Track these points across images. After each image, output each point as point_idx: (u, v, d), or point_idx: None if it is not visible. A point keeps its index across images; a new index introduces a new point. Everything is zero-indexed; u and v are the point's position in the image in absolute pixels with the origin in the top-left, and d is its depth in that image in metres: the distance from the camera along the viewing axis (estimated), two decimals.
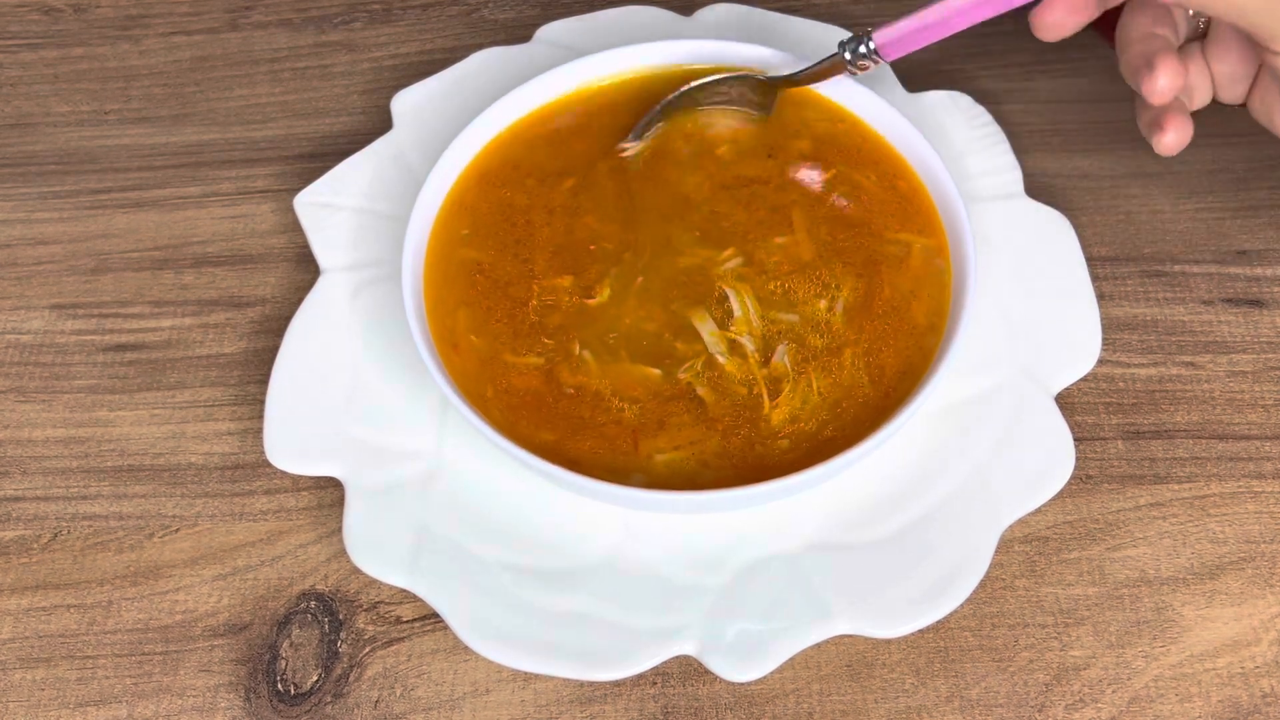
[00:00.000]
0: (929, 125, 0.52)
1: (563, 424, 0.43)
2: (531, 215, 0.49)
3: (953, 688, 0.42)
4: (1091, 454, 0.47)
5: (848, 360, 0.44)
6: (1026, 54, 0.59)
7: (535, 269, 0.47)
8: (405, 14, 0.63)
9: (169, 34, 0.63)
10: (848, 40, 0.48)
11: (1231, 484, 0.46)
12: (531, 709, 0.42)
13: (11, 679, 0.43)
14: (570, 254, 0.47)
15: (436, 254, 0.48)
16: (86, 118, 0.60)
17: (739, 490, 0.40)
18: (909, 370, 0.44)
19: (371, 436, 0.46)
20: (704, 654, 0.41)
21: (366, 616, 0.44)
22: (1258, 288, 0.51)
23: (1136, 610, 0.43)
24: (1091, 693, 0.42)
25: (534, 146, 0.51)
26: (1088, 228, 0.52)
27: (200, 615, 0.45)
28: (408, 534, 0.44)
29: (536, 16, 0.62)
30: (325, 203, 0.52)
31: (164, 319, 0.52)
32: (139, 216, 0.56)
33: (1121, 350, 0.49)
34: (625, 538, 0.44)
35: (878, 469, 0.45)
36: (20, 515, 0.47)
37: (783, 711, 0.42)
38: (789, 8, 0.60)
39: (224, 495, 0.47)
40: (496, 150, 0.50)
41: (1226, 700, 0.41)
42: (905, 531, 0.43)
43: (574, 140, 0.51)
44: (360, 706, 0.42)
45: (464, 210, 0.49)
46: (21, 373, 0.51)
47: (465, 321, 0.46)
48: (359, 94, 0.60)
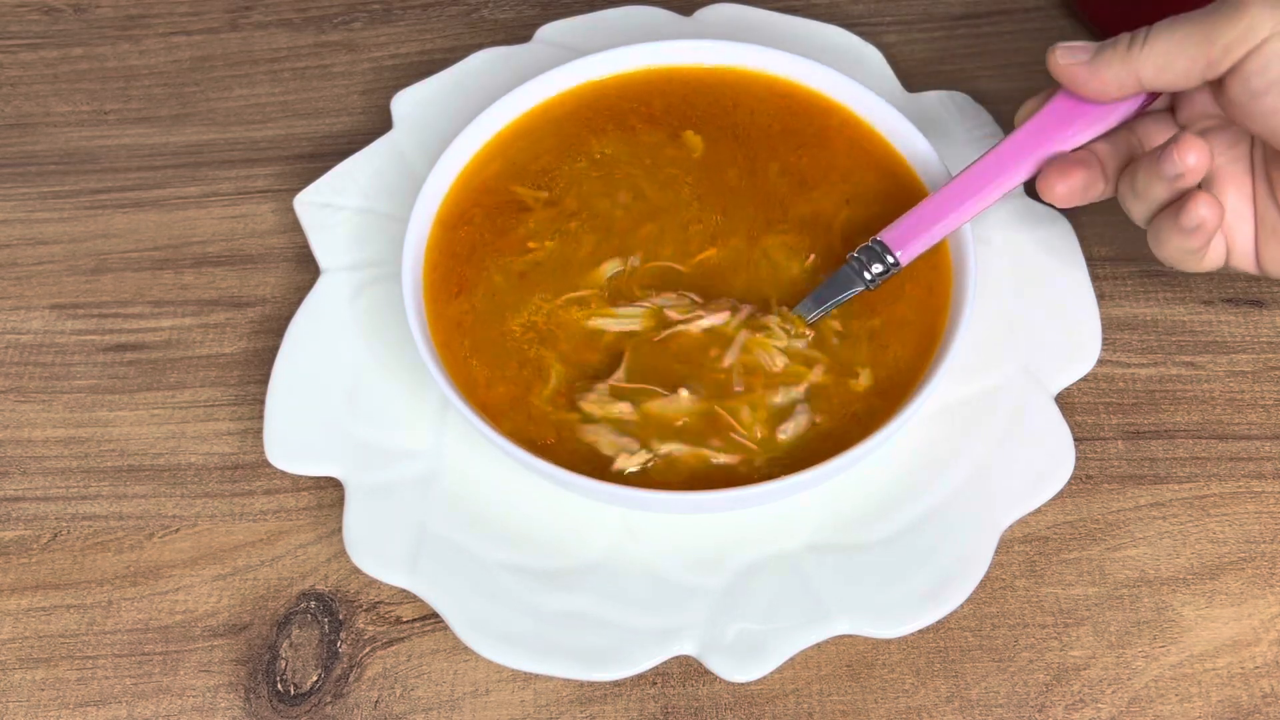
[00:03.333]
0: (929, 125, 0.52)
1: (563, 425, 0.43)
2: (531, 215, 0.49)
3: (953, 688, 0.42)
4: (1091, 454, 0.47)
5: (847, 361, 0.44)
6: (1026, 54, 0.59)
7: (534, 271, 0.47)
8: (405, 14, 0.63)
9: (169, 34, 0.63)
10: (860, 255, 0.44)
11: (1231, 484, 0.46)
12: (531, 709, 0.42)
13: (11, 679, 0.43)
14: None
15: (436, 254, 0.48)
16: (86, 118, 0.60)
17: (739, 490, 0.40)
18: (909, 370, 0.44)
19: (371, 436, 0.46)
20: (704, 654, 0.41)
21: (366, 616, 0.44)
22: (1258, 288, 0.51)
23: (1136, 610, 0.43)
24: (1091, 693, 0.42)
25: (534, 146, 0.50)
26: (1088, 228, 0.52)
27: (200, 615, 0.45)
28: (408, 534, 0.44)
29: (536, 16, 0.62)
30: (325, 203, 0.52)
31: (164, 319, 0.52)
32: (139, 216, 0.56)
33: (1121, 350, 0.49)
34: (625, 538, 0.44)
35: (878, 469, 0.45)
36: (20, 515, 0.47)
37: (783, 711, 0.42)
38: (789, 8, 0.60)
39: (224, 495, 0.47)
40: (496, 150, 0.50)
41: (1226, 700, 0.41)
42: (905, 531, 0.43)
43: (574, 140, 0.51)
44: (360, 707, 0.42)
45: (464, 210, 0.49)
46: (21, 373, 0.51)
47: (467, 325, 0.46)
48: (359, 94, 0.60)
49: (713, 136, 0.50)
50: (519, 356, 0.45)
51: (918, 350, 0.44)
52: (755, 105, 0.51)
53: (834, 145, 0.50)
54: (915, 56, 0.59)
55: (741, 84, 0.52)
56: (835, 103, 0.50)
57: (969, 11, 0.61)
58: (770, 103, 0.51)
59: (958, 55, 0.59)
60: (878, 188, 0.48)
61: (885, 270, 0.44)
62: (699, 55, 0.52)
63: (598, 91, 0.52)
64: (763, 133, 0.50)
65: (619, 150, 0.50)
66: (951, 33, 0.60)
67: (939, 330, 0.44)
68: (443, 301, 0.46)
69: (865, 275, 0.44)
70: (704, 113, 0.51)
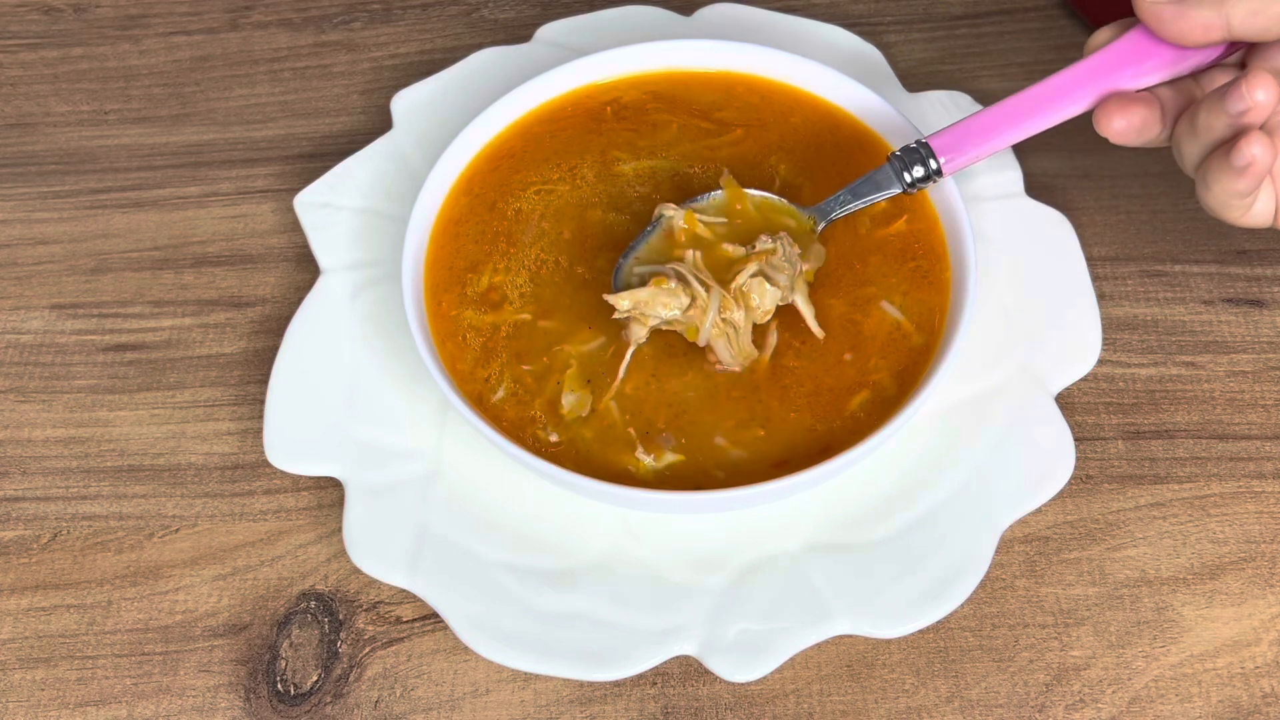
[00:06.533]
0: (929, 125, 0.52)
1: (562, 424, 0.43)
2: (532, 215, 0.49)
3: (953, 688, 0.42)
4: (1091, 454, 0.47)
5: (847, 361, 0.44)
6: (1026, 54, 0.59)
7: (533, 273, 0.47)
8: (405, 14, 0.63)
9: (169, 34, 0.63)
10: (902, 155, 0.43)
11: (1232, 484, 0.46)
12: (531, 709, 0.42)
13: (11, 679, 0.43)
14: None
15: (436, 254, 0.48)
16: (86, 118, 0.60)
17: (739, 490, 0.40)
18: (909, 370, 0.44)
19: (371, 436, 0.46)
20: (704, 654, 0.41)
21: (366, 616, 0.44)
22: (1258, 288, 0.51)
23: (1136, 610, 0.43)
24: (1091, 693, 0.42)
25: (534, 146, 0.50)
26: (1088, 228, 0.52)
27: (200, 615, 0.45)
28: (408, 534, 0.44)
29: (536, 16, 0.62)
30: (325, 203, 0.52)
31: (164, 319, 0.52)
32: (139, 216, 0.56)
33: (1122, 350, 0.49)
34: (625, 538, 0.44)
35: (878, 469, 0.45)
36: (20, 515, 0.47)
37: (783, 711, 0.42)
38: (789, 7, 0.60)
39: (224, 495, 0.47)
40: (496, 150, 0.50)
41: (1226, 700, 0.41)
42: (905, 531, 0.43)
43: (574, 140, 0.51)
44: (360, 707, 0.42)
45: (464, 210, 0.49)
46: (21, 373, 0.51)
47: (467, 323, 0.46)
48: (359, 94, 0.60)
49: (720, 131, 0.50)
50: (519, 356, 0.45)
51: (917, 350, 0.44)
52: (756, 103, 0.51)
53: (835, 146, 0.50)
54: (915, 56, 0.59)
55: (741, 84, 0.52)
56: (835, 105, 0.50)
57: (969, 11, 0.61)
58: (772, 101, 0.51)
59: (958, 55, 0.59)
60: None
61: (926, 176, 0.43)
62: (699, 56, 0.52)
63: (598, 91, 0.52)
64: (763, 133, 0.50)
65: (619, 149, 0.50)
66: (951, 33, 0.60)
67: (939, 330, 0.44)
68: (443, 301, 0.46)
69: (905, 177, 0.43)
70: (704, 111, 0.51)
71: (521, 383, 0.44)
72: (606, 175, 0.50)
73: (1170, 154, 0.42)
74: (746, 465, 0.42)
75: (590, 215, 0.48)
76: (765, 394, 0.44)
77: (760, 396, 0.44)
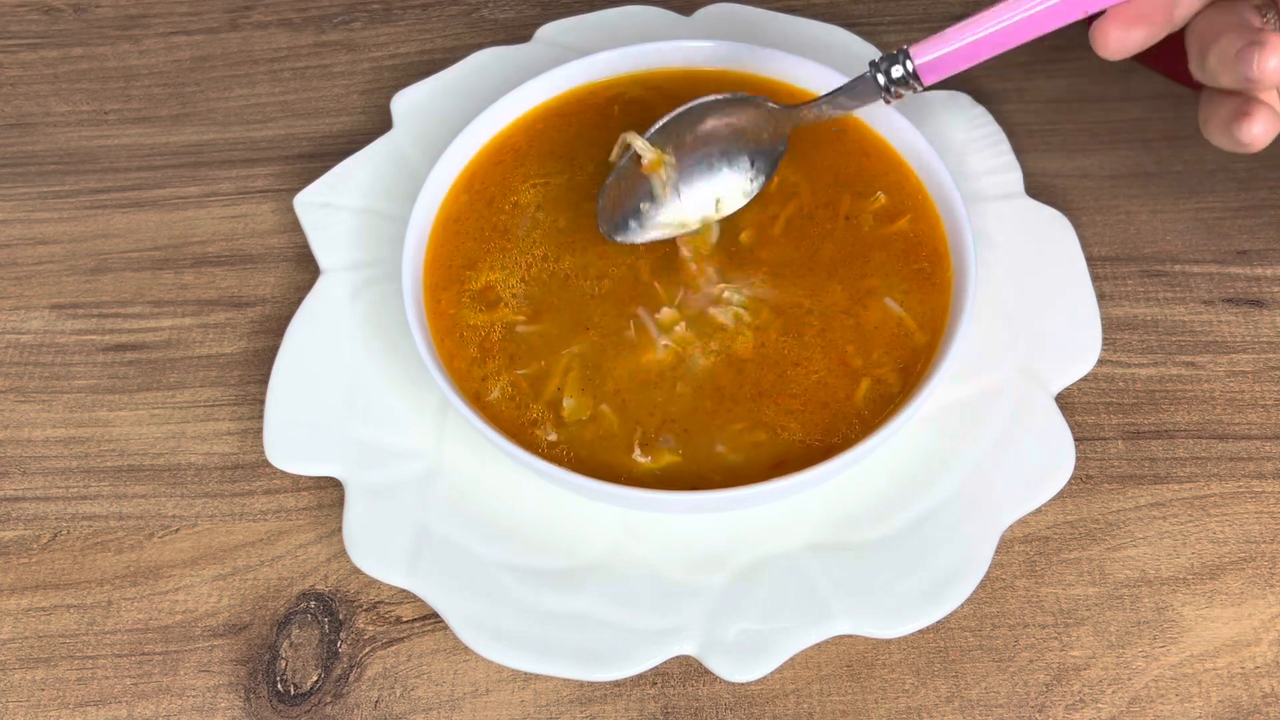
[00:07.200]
0: (929, 125, 0.52)
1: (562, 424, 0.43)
2: (528, 207, 0.49)
3: (953, 688, 0.42)
4: (1091, 454, 0.47)
5: (847, 360, 0.44)
6: (1026, 54, 0.59)
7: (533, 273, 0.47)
8: (405, 14, 0.63)
9: (169, 34, 0.63)
10: (880, 61, 0.43)
11: (1232, 484, 0.46)
12: (531, 709, 0.42)
13: (11, 679, 0.43)
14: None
15: (436, 252, 0.48)
16: (86, 118, 0.60)
17: (739, 490, 0.40)
18: (908, 370, 0.44)
19: (371, 436, 0.46)
20: (704, 654, 0.41)
21: (366, 616, 0.44)
22: (1258, 288, 0.51)
23: (1136, 610, 0.43)
24: (1091, 693, 0.42)
25: (538, 142, 0.50)
26: (1088, 228, 0.52)
27: (200, 615, 0.45)
28: (408, 534, 0.44)
29: (536, 16, 0.62)
30: (325, 203, 0.53)
31: (164, 319, 0.52)
32: (139, 216, 0.56)
33: (1122, 350, 0.49)
34: (625, 538, 0.44)
35: (878, 469, 0.45)
36: (20, 515, 0.47)
37: (783, 711, 0.42)
38: (789, 7, 0.60)
39: (224, 495, 0.47)
40: (496, 150, 0.50)
41: (1226, 700, 0.41)
42: (905, 531, 0.43)
43: (574, 140, 0.51)
44: (360, 707, 0.42)
45: (463, 208, 0.49)
46: (21, 373, 0.51)
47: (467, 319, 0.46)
48: (359, 94, 0.60)
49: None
50: (519, 356, 0.45)
51: (917, 350, 0.44)
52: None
53: (834, 146, 0.50)
54: None
55: (741, 84, 0.52)
56: None
57: (969, 11, 0.61)
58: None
59: None
60: (879, 185, 0.48)
61: (904, 77, 0.42)
62: (699, 55, 0.52)
63: (601, 89, 0.52)
64: None
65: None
66: None
67: (939, 330, 0.45)
68: (443, 301, 0.46)
69: (879, 80, 0.42)
70: None
71: (518, 385, 0.44)
72: (606, 167, 0.50)
73: (1170, 154, 0.42)
74: (744, 466, 0.42)
75: (587, 206, 0.48)
76: (765, 394, 0.44)
77: (760, 397, 0.44)
